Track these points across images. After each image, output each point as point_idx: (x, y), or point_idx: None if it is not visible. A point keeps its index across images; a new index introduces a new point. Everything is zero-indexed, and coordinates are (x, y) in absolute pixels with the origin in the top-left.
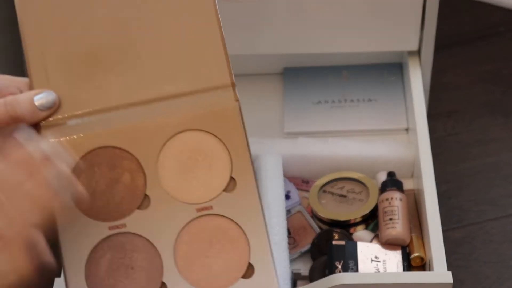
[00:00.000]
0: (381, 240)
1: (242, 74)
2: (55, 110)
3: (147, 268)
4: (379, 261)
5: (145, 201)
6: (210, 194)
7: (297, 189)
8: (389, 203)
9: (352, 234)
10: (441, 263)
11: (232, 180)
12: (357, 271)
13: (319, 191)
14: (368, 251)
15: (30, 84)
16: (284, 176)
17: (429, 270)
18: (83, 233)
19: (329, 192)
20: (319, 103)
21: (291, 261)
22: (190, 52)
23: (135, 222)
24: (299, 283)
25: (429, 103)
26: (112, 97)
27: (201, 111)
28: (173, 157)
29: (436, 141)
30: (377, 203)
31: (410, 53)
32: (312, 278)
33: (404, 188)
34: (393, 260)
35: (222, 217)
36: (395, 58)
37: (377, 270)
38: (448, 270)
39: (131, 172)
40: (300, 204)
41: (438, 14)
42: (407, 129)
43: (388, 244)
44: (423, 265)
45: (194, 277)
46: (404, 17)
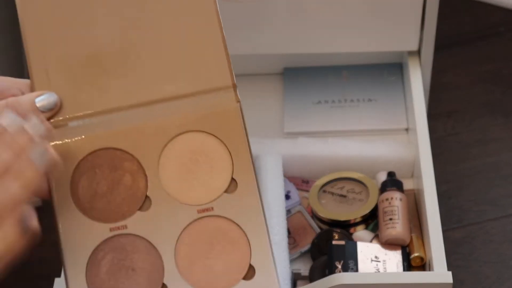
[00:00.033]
0: (381, 240)
1: (242, 74)
2: (57, 112)
3: (148, 270)
4: (379, 261)
5: (146, 203)
6: (211, 195)
7: (297, 189)
8: (389, 203)
9: (352, 234)
10: (441, 263)
11: (233, 181)
12: (357, 271)
13: (319, 191)
14: (368, 251)
15: (31, 85)
16: (284, 176)
17: (429, 270)
18: (84, 234)
19: (329, 192)
20: (319, 103)
21: (291, 261)
22: (191, 53)
23: (136, 224)
24: (299, 283)
25: (429, 103)
26: (113, 98)
27: (202, 112)
28: (174, 158)
29: (436, 141)
30: (377, 203)
31: (410, 53)
32: (312, 278)
33: (404, 188)
34: (393, 260)
35: (223, 218)
36: (395, 58)
37: (377, 270)
38: (448, 270)
39: (132, 173)
40: (300, 204)
41: (438, 14)
42: (407, 129)
43: (388, 244)
44: (423, 265)
45: (195, 278)
46: (404, 17)
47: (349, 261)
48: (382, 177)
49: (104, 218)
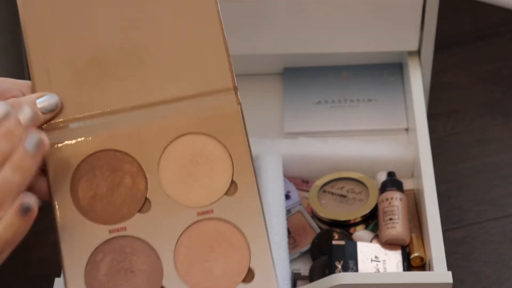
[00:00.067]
0: (381, 240)
1: (242, 74)
2: (57, 113)
3: (147, 272)
4: (379, 261)
5: (145, 205)
6: (211, 198)
7: (297, 189)
8: (389, 203)
9: (352, 234)
10: (441, 263)
11: (233, 184)
12: (357, 271)
13: (319, 191)
14: (368, 251)
15: (32, 87)
16: (284, 176)
17: (429, 270)
18: (83, 236)
19: (329, 192)
20: (319, 103)
21: (291, 261)
22: (192, 55)
23: (136, 226)
24: (299, 283)
25: (429, 103)
26: (114, 100)
27: (202, 115)
28: (174, 160)
29: (436, 141)
30: (377, 203)
31: (410, 53)
32: (312, 278)
33: (404, 188)
34: (393, 260)
35: (223, 221)
36: (395, 58)
37: (377, 270)
38: (448, 270)
39: (132, 175)
40: (300, 204)
41: (438, 14)
42: (407, 129)
43: (388, 244)
44: (423, 265)
45: (194, 281)
46: (404, 17)
47: (349, 261)
48: (382, 177)
49: (104, 220)
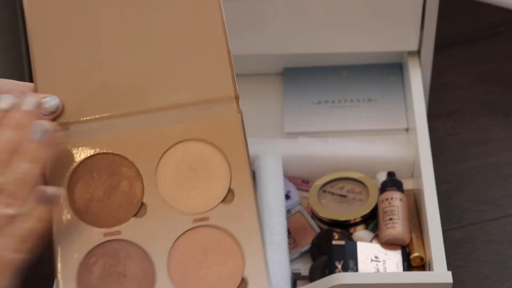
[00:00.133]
0: (381, 240)
1: (242, 74)
2: (58, 115)
3: (139, 277)
4: (379, 261)
5: (141, 209)
6: (207, 205)
7: (297, 189)
8: (389, 203)
9: (352, 234)
10: (441, 263)
11: (230, 192)
12: (357, 271)
13: (319, 191)
14: (368, 251)
15: (35, 88)
16: (284, 176)
17: (429, 270)
18: (77, 238)
19: (329, 192)
20: (319, 103)
21: (291, 261)
22: (195, 62)
23: (131, 230)
24: (299, 283)
25: (429, 103)
26: (116, 104)
27: (203, 122)
28: (172, 166)
29: (436, 141)
30: (377, 203)
31: (410, 53)
32: (312, 278)
33: (404, 188)
34: (393, 260)
35: (218, 228)
36: (395, 58)
37: (377, 270)
38: (448, 270)
39: (129, 179)
40: (300, 204)
41: (438, 14)
42: (407, 129)
43: (388, 244)
44: (423, 265)
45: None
46: (404, 17)
47: (349, 261)
48: (382, 177)
49: (99, 223)
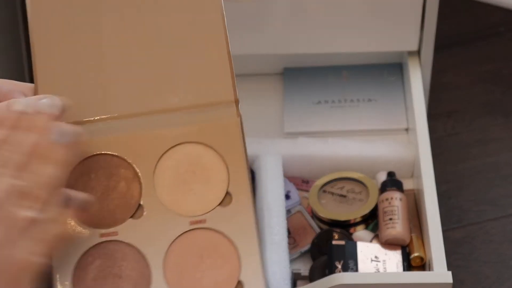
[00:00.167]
0: (381, 240)
1: (242, 74)
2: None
3: (135, 278)
4: (379, 261)
5: (138, 211)
6: (204, 208)
7: (297, 189)
8: (389, 203)
9: (352, 234)
10: (441, 263)
11: (228, 195)
12: (357, 271)
13: (319, 191)
14: (368, 251)
15: (35, 89)
16: (284, 176)
17: (429, 270)
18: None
19: (329, 192)
20: (319, 103)
21: (291, 261)
22: (196, 65)
23: (127, 231)
24: (299, 283)
25: (429, 103)
26: (116, 106)
27: (202, 125)
28: (170, 168)
29: (436, 141)
30: (377, 203)
31: (410, 53)
32: (312, 278)
33: (404, 188)
34: (393, 260)
35: (215, 231)
36: (395, 58)
37: (377, 270)
38: (448, 270)
39: (127, 180)
40: (300, 204)
41: (438, 14)
42: (407, 129)
43: (388, 244)
44: (423, 265)
45: None
46: (404, 17)
47: (349, 261)
48: (382, 177)
49: (96, 224)
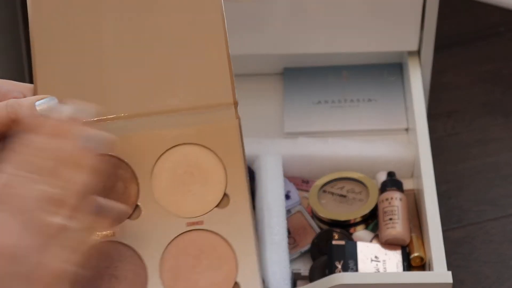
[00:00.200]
0: (381, 240)
1: (242, 74)
2: None
3: (131, 279)
4: (379, 261)
5: (136, 211)
6: (202, 209)
7: (297, 189)
8: (389, 203)
9: (352, 234)
10: (441, 263)
11: (225, 197)
12: (357, 271)
13: (319, 191)
14: (368, 251)
15: (34, 89)
16: (284, 176)
17: (429, 270)
18: None
19: (329, 192)
20: (319, 103)
21: (291, 261)
22: (195, 67)
23: (124, 232)
24: (299, 283)
25: (429, 103)
26: (115, 107)
27: (200, 126)
28: (168, 169)
29: (436, 141)
30: (377, 203)
31: (410, 53)
32: (312, 278)
33: (404, 188)
34: (393, 260)
35: (212, 233)
36: (395, 58)
37: (377, 270)
38: (448, 270)
39: (124, 181)
40: (300, 204)
41: (438, 14)
42: (407, 129)
43: (388, 244)
44: (423, 265)
45: None
46: (404, 17)
47: (349, 261)
48: (382, 177)
49: None
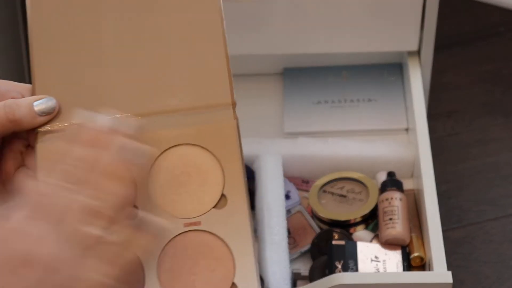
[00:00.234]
0: (381, 240)
1: (242, 74)
2: (54, 116)
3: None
4: (379, 261)
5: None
6: (199, 210)
7: (297, 189)
8: (389, 203)
9: (352, 234)
10: (441, 263)
11: (223, 197)
12: (357, 271)
13: (319, 191)
14: (368, 251)
15: (32, 89)
16: (284, 176)
17: (429, 270)
18: None
19: (329, 192)
20: (319, 103)
21: (291, 261)
22: (194, 68)
23: None
24: (299, 283)
25: (429, 103)
26: (112, 107)
27: (198, 127)
28: (166, 169)
29: (436, 141)
30: (377, 203)
31: (410, 53)
32: (312, 278)
33: (404, 188)
34: (393, 260)
35: (209, 234)
36: (395, 58)
37: (377, 270)
38: (448, 270)
39: None
40: (300, 204)
41: (438, 14)
42: (407, 129)
43: (388, 244)
44: (423, 265)
45: None
46: (404, 17)
47: (349, 261)
48: (382, 177)
49: None
